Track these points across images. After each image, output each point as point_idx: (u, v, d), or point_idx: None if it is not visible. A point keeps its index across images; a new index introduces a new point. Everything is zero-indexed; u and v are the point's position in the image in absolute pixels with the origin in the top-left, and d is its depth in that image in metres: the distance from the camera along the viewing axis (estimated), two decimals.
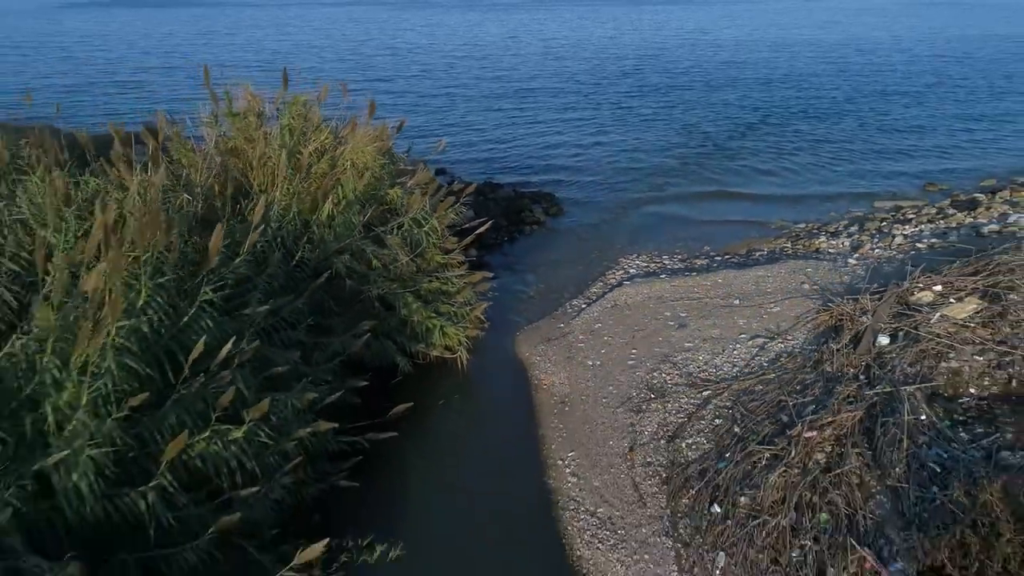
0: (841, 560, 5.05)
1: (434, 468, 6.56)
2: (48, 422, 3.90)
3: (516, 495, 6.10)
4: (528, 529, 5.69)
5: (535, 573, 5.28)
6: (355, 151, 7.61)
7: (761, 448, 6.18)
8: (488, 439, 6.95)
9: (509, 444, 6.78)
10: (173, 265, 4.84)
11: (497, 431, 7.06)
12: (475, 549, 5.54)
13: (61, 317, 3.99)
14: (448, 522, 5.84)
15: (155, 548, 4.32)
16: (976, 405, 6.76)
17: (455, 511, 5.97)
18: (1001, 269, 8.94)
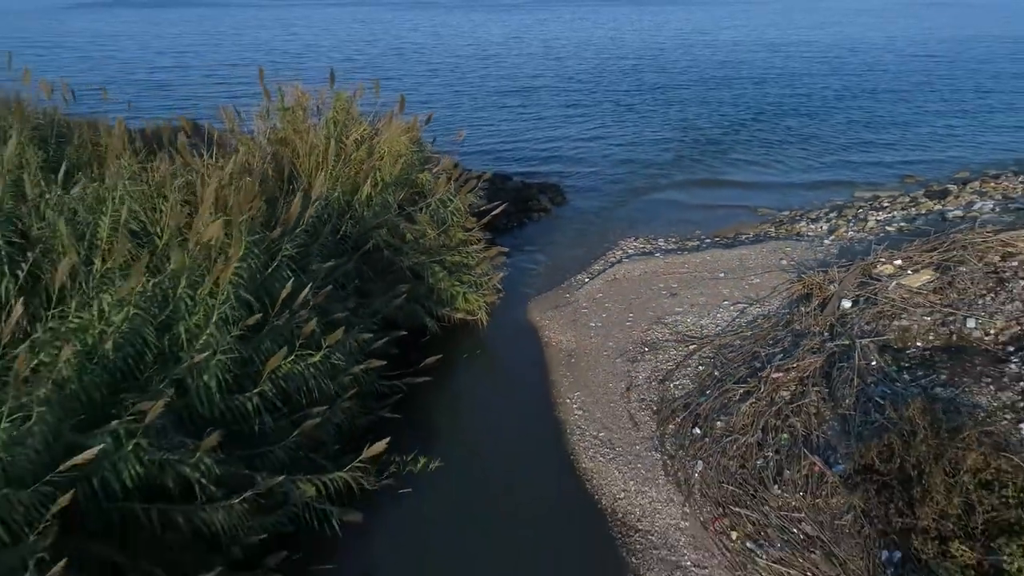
0: (796, 465, 6.30)
1: (462, 406, 7.82)
2: (180, 339, 5.15)
3: (531, 426, 7.35)
4: (542, 449, 6.94)
5: (549, 480, 6.52)
6: (390, 140, 8.86)
7: (735, 386, 7.43)
8: (506, 384, 8.21)
9: (524, 388, 8.03)
10: (259, 226, 6.09)
11: (514, 379, 8.31)
12: (498, 464, 6.79)
13: (190, 260, 5.24)
14: (475, 446, 7.08)
15: (254, 447, 5.58)
16: (920, 355, 8.00)
17: (480, 438, 7.22)
18: (955, 246, 10.22)
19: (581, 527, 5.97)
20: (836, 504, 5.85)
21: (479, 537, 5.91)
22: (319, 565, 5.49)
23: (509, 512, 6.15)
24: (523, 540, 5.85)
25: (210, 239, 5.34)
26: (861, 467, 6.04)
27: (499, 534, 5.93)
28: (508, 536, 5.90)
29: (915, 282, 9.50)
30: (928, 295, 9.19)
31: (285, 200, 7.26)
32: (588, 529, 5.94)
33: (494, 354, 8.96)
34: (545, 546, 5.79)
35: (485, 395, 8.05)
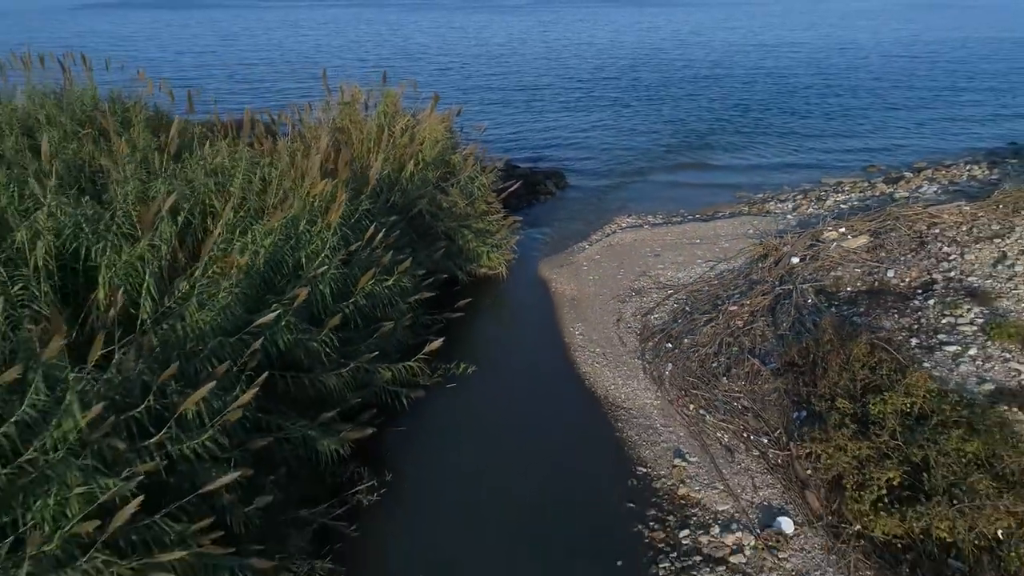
0: (741, 366, 8.57)
1: (488, 334, 10.10)
2: (302, 260, 7.42)
3: (543, 346, 9.62)
4: (552, 360, 9.21)
5: (559, 381, 8.79)
6: (429, 129, 11.14)
7: (701, 316, 9.71)
8: (523, 320, 10.50)
9: (536, 322, 10.30)
10: (345, 185, 8.36)
11: (528, 316, 10.58)
12: (519, 371, 9.06)
13: (304, 209, 7.52)
14: (500, 359, 9.35)
15: (351, 344, 7.83)
16: (848, 296, 10.29)
17: (504, 354, 9.50)
18: (889, 217, 12.53)
19: (584, 407, 8.23)
20: (766, 388, 8.12)
21: (506, 414, 8.18)
22: (394, 427, 7.75)
23: (529, 399, 8.43)
24: (540, 416, 8.12)
25: (319, 192, 7.63)
26: (786, 363, 8.33)
27: (522, 412, 8.20)
28: (529, 413, 8.18)
29: (853, 244, 11.81)
30: (862, 254, 11.49)
31: (357, 172, 9.51)
32: (588, 408, 8.20)
33: (512, 299, 11.24)
34: (557, 419, 8.07)
35: (506, 326, 10.34)
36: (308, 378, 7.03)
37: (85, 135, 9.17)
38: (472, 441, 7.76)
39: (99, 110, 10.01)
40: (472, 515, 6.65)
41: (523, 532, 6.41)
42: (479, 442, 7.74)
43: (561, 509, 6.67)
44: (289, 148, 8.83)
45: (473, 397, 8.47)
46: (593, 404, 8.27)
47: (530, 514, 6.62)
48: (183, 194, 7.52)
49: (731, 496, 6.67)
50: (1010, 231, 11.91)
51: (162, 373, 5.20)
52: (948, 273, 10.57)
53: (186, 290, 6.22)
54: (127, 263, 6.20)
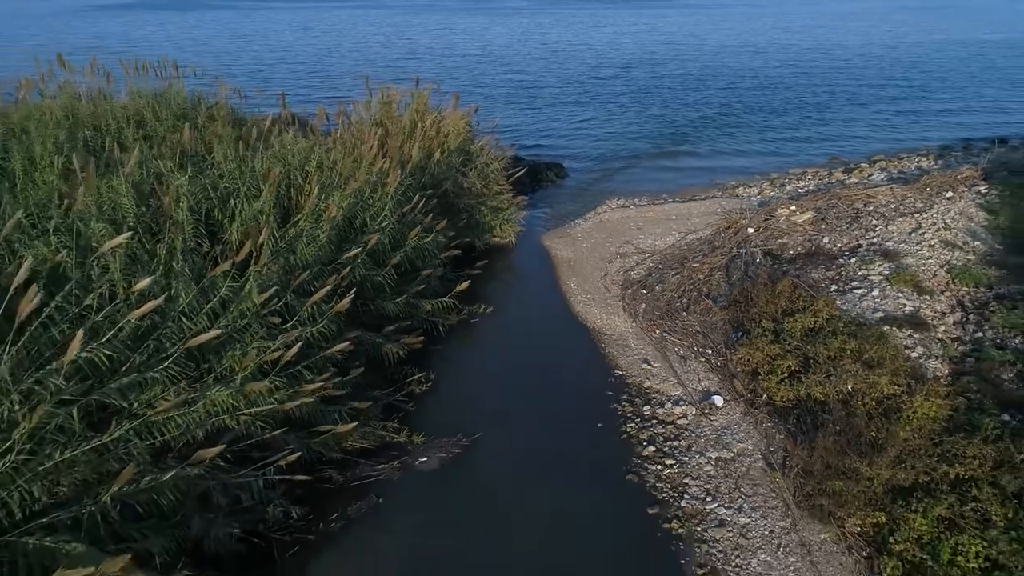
0: (697, 305, 11.22)
1: (501, 286, 12.76)
2: (366, 219, 10.06)
3: (546, 294, 12.27)
4: (552, 304, 11.86)
5: (558, 317, 11.44)
6: (452, 123, 13.80)
7: (669, 271, 12.38)
8: (529, 276, 13.16)
9: (541, 277, 12.95)
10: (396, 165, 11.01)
11: (534, 273, 13.24)
12: (526, 311, 11.74)
13: (368, 181, 10.16)
14: (512, 303, 12.02)
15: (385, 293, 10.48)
16: (789, 256, 12.93)
17: (515, 299, 12.17)
18: (833, 197, 15.20)
19: (576, 334, 10.89)
20: (715, 319, 10.78)
21: (518, 338, 10.86)
22: (433, 347, 10.37)
23: (535, 329, 11.11)
24: (544, 340, 10.80)
25: (379, 169, 10.30)
26: (731, 302, 10.99)
27: (530, 338, 10.87)
28: (535, 338, 10.85)
29: (800, 219, 14.48)
30: (806, 226, 14.16)
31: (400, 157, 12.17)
32: (580, 335, 10.85)
33: (520, 262, 13.90)
34: (557, 341, 10.74)
35: (515, 280, 13.02)
36: (373, 304, 9.70)
37: (185, 127, 11.82)
38: (493, 355, 10.45)
39: (195, 109, 12.63)
40: (494, 399, 9.31)
41: (532, 408, 9.07)
42: (498, 355, 10.42)
43: (560, 395, 9.33)
44: (345, 138, 11.48)
45: (491, 328, 11.14)
46: (584, 332, 10.93)
47: (537, 398, 9.28)
48: (281, 169, 10.17)
49: (681, 385, 9.33)
50: (929, 208, 14.61)
51: (282, 282, 7.85)
52: (872, 240, 13.24)
53: (293, 235, 8.87)
54: (252, 215, 8.85)
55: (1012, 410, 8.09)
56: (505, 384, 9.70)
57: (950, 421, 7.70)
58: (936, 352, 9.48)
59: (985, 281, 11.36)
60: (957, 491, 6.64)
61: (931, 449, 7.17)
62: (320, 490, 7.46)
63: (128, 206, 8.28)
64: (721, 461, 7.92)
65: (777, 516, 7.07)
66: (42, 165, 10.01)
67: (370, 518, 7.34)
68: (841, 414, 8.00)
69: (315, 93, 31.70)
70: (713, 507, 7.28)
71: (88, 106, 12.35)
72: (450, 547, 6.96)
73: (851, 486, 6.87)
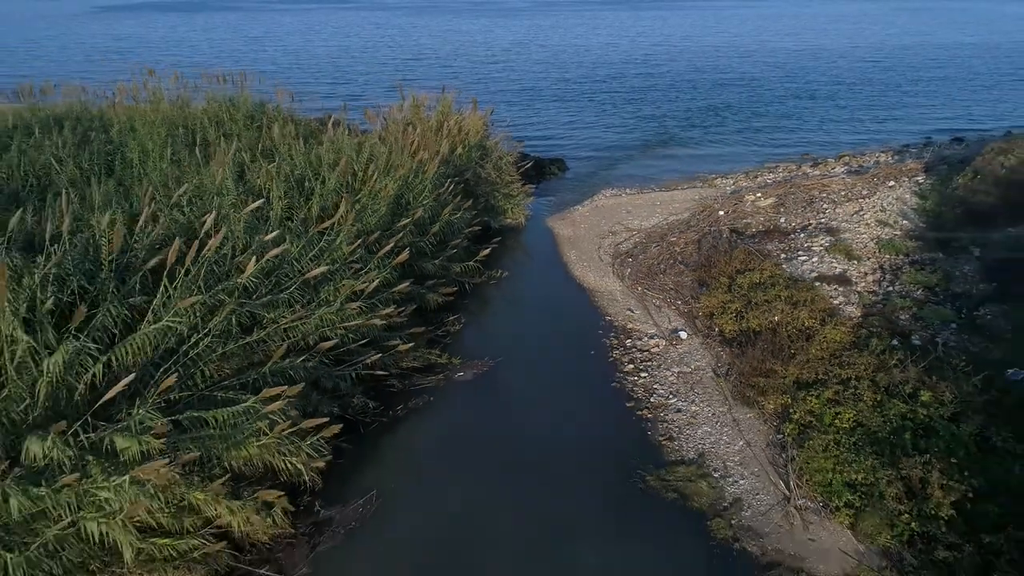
0: (672, 269, 14.10)
1: (513, 257, 15.65)
2: (411, 199, 12.94)
3: (549, 263, 15.18)
4: (554, 270, 14.76)
5: (560, 279, 14.33)
6: (472, 123, 16.69)
7: (652, 244, 15.27)
8: (536, 250, 16.07)
9: (545, 251, 15.85)
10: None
11: (540, 248, 16.14)
12: (534, 274, 14.65)
13: (411, 168, 13.04)
14: (523, 268, 14.94)
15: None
16: (751, 233, 15.81)
17: (524, 266, 15.08)
18: (793, 186, 18.10)
19: (574, 292, 13.77)
20: (685, 279, 13.66)
21: (527, 295, 13.76)
22: (462, 299, 13.24)
23: (541, 288, 14.02)
24: (549, 295, 13.70)
25: (419, 159, 13.19)
26: (698, 266, 13.88)
27: (537, 294, 13.78)
28: (541, 293, 13.75)
29: (763, 203, 17.38)
30: (768, 209, 17.05)
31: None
32: (577, 292, 13.74)
33: (528, 238, 16.80)
34: (559, 296, 13.64)
35: (525, 253, 15.94)
36: (417, 264, 12.58)
37: (274, 127, 14.71)
38: (508, 306, 13.39)
39: (265, 112, 15.52)
40: (510, 336, 12.20)
41: (540, 342, 11.97)
42: (512, 306, 13.36)
43: (562, 333, 12.23)
44: (385, 135, 14.39)
45: (507, 287, 14.05)
46: (580, 290, 13.82)
47: (544, 336, 12.19)
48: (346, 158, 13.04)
49: (655, 326, 12.22)
50: (873, 194, 17.52)
51: (355, 242, 10.72)
52: (820, 220, 16.14)
53: (359, 207, 11.74)
54: (329, 191, 11.71)
55: (899, 337, 10.98)
56: (518, 326, 12.61)
57: (852, 344, 10.58)
58: (854, 300, 12.37)
59: (904, 250, 14.26)
60: (843, 384, 9.51)
61: (831, 359, 10.05)
62: (387, 392, 10.33)
63: (231, 185, 11.12)
64: (682, 374, 10.81)
65: (717, 405, 9.96)
66: (154, 156, 12.93)
67: (423, 411, 10.21)
68: (769, 336, 10.88)
69: (335, 92, 34.56)
70: (673, 401, 10.16)
71: (176, 109, 15.24)
72: (481, 431, 9.83)
73: (770, 381, 9.76)
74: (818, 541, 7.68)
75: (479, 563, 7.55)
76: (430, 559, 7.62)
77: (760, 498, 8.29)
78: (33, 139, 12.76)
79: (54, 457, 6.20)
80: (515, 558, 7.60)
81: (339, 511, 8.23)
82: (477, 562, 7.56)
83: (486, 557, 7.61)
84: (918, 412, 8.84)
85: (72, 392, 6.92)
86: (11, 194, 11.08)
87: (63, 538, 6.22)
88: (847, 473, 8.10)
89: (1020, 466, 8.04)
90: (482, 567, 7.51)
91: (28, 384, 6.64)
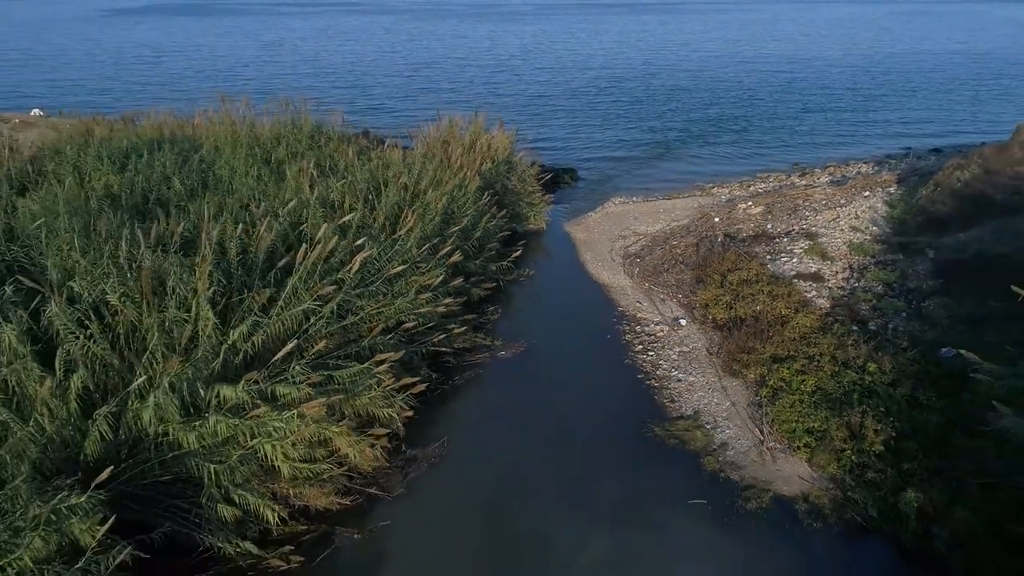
0: (674, 267, 16.81)
1: (535, 257, 18.35)
2: (457, 208, 15.61)
3: (568, 263, 17.88)
4: (572, 269, 17.47)
5: (577, 276, 17.02)
6: (500, 141, 19.39)
7: (656, 247, 17.97)
8: (556, 251, 18.79)
9: (564, 252, 18.56)
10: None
11: (560, 249, 18.85)
12: (555, 273, 17.37)
13: (455, 185, 15.72)
14: (546, 268, 17.65)
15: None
16: (743, 238, 18.50)
17: (548, 266, 17.79)
18: (780, 195, 20.82)
19: (590, 287, 16.47)
20: (685, 276, 16.36)
21: (550, 290, 16.47)
22: (499, 293, 15.93)
23: (562, 284, 16.72)
24: (568, 290, 16.41)
25: (462, 176, 15.89)
26: (696, 265, 16.58)
27: (559, 288, 16.49)
28: (562, 288, 16.46)
29: (754, 211, 20.09)
30: (757, 216, 19.76)
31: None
32: (593, 288, 16.44)
33: (549, 242, 19.52)
34: (577, 290, 16.34)
35: (547, 254, 18.65)
36: (462, 264, 15.26)
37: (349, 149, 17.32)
38: (536, 297, 16.15)
39: (323, 132, 18.21)
40: (540, 322, 14.89)
41: (564, 327, 14.68)
42: (539, 298, 16.11)
43: (582, 321, 14.93)
44: (428, 153, 17.11)
45: (534, 283, 16.78)
46: (596, 286, 16.51)
47: (568, 322, 14.89)
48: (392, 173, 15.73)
49: (660, 315, 14.91)
50: (850, 203, 20.23)
51: (421, 245, 13.40)
52: (802, 226, 18.83)
53: (415, 217, 14.41)
54: (391, 202, 14.37)
55: (858, 324, 13.67)
56: (546, 315, 15.33)
57: (818, 328, 13.26)
58: (824, 294, 15.07)
59: (871, 252, 16.96)
60: (808, 359, 12.19)
61: (800, 340, 12.74)
62: (445, 367, 13.01)
63: (313, 199, 13.77)
64: (681, 352, 13.50)
65: (710, 376, 12.65)
66: (239, 173, 15.59)
67: (474, 381, 12.88)
68: (752, 322, 13.57)
69: (357, 100, 37.28)
70: (675, 374, 12.85)
71: (248, 129, 17.92)
72: (520, 395, 12.51)
73: (751, 357, 12.45)
74: (783, 471, 10.36)
75: (529, 488, 10.22)
76: (489, 486, 10.30)
77: (741, 442, 10.98)
78: (144, 160, 15.41)
79: (239, 398, 8.87)
80: (556, 484, 10.28)
81: (420, 451, 10.91)
82: (527, 487, 10.23)
83: (533, 484, 10.29)
84: (864, 379, 11.54)
85: (237, 354, 9.60)
86: (135, 206, 13.73)
87: (245, 457, 8.89)
88: (807, 422, 10.79)
89: (937, 416, 10.71)
90: (530, 490, 10.19)
91: (215, 348, 9.33)
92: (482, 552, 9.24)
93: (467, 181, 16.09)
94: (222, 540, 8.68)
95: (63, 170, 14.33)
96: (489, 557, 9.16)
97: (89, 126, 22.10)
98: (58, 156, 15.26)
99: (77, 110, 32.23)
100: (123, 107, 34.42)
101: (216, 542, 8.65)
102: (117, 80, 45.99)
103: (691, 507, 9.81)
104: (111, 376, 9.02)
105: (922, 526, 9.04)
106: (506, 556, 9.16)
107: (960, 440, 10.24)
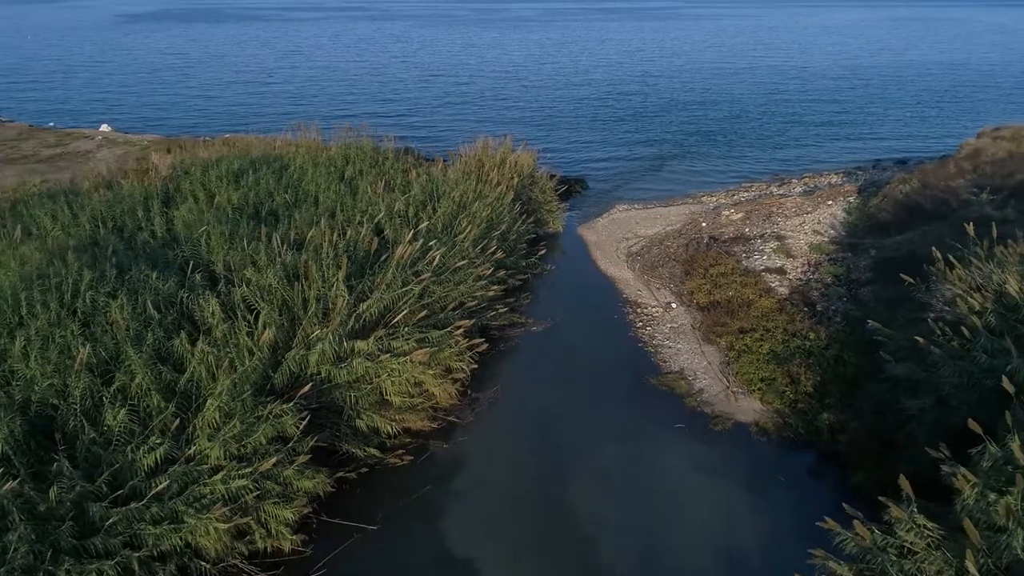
0: (668, 263, 21.21)
1: (557, 255, 22.76)
2: (493, 216, 19.99)
3: (582, 260, 22.31)
4: (584, 264, 21.89)
5: (588, 271, 21.44)
6: (524, 159, 23.80)
7: (653, 247, 22.37)
8: (571, 250, 23.22)
9: (578, 251, 22.98)
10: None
11: (574, 249, 23.27)
12: (571, 269, 21.80)
13: (495, 198, 20.08)
14: (563, 265, 22.07)
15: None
16: (724, 239, 22.92)
17: (565, 262, 22.22)
18: (758, 204, 25.30)
19: (600, 280, 20.88)
20: (677, 271, 20.75)
21: (567, 282, 20.88)
22: (527, 283, 20.33)
23: (577, 278, 21.16)
24: (581, 283, 20.85)
25: (500, 190, 20.28)
26: (685, 261, 20.99)
27: (574, 281, 20.91)
28: (577, 281, 20.88)
29: (735, 217, 24.52)
30: (738, 222, 24.18)
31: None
32: (602, 280, 20.85)
33: (565, 243, 23.94)
34: (588, 283, 20.76)
35: (563, 253, 23.09)
36: (500, 260, 19.65)
37: (412, 169, 21.65)
38: (558, 288, 20.53)
39: (380, 152, 22.61)
40: (562, 305, 19.30)
41: (581, 309, 19.10)
42: (560, 288, 20.50)
43: (594, 305, 19.34)
44: (466, 170, 21.52)
45: (555, 275, 21.21)
46: (605, 278, 20.92)
47: (583, 305, 19.31)
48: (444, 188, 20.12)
49: (655, 299, 19.32)
50: (815, 210, 24.67)
51: (474, 246, 17.78)
52: (774, 230, 23.23)
53: (465, 225, 18.76)
54: (445, 212, 18.71)
55: (808, 306, 18.06)
56: (566, 300, 19.76)
57: (776, 309, 17.63)
58: (785, 284, 19.46)
59: (827, 251, 21.35)
60: (766, 331, 16.56)
61: (761, 317, 17.12)
62: (492, 338, 17.37)
63: (383, 208, 18.10)
64: (672, 327, 17.90)
65: (693, 344, 17.05)
66: (323, 188, 19.96)
67: (515, 348, 17.27)
68: (726, 304, 17.95)
69: (380, 112, 41.63)
70: (666, 343, 17.24)
71: (321, 150, 22.30)
72: (551, 357, 16.90)
73: (724, 329, 16.85)
74: (742, 406, 14.76)
75: (560, 417, 14.60)
76: (532, 417, 14.68)
77: (713, 388, 15.38)
78: (252, 178, 19.75)
79: (370, 349, 13.23)
80: (579, 415, 14.66)
81: (482, 394, 15.31)
82: (559, 417, 14.61)
83: (563, 415, 14.67)
84: (806, 344, 15.94)
85: (359, 319, 13.98)
86: (253, 215, 18.07)
87: (372, 390, 13.25)
88: (760, 373, 15.19)
89: (853, 369, 15.09)
90: (561, 419, 14.56)
91: (347, 315, 13.70)
92: (530, 457, 13.63)
93: (503, 194, 20.47)
94: (355, 446, 13.06)
95: (194, 186, 18.67)
96: (536, 460, 13.55)
97: (169, 145, 26.58)
98: (187, 176, 19.59)
99: (138, 125, 36.74)
100: (172, 119, 39.01)
101: (351, 448, 13.03)
102: (159, 89, 50.31)
103: (676, 429, 14.21)
104: (280, 334, 13.40)
105: (831, 437, 13.44)
106: (548, 458, 13.54)
107: (868, 385, 14.64)
